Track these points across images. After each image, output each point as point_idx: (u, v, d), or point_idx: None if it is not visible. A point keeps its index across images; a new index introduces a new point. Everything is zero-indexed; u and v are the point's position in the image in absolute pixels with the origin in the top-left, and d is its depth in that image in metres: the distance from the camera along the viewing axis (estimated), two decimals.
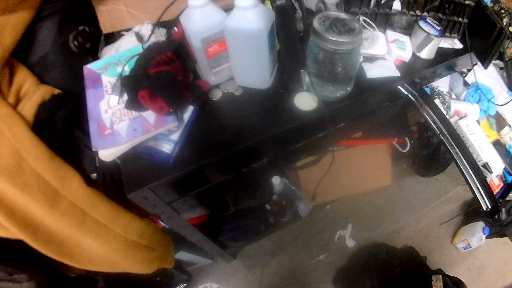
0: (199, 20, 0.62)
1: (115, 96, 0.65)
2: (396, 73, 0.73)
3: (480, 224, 1.30)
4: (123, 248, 0.71)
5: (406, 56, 0.75)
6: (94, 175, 0.68)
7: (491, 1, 0.96)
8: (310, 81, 0.65)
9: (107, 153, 0.64)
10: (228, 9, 0.64)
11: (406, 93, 0.77)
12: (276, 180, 0.95)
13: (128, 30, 0.73)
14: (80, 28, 0.72)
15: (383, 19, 0.76)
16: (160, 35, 0.69)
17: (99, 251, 0.70)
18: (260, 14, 0.60)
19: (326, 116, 0.65)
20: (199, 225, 1.03)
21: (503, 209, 0.86)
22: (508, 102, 0.98)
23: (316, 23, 0.62)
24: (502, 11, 0.98)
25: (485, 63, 0.91)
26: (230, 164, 0.68)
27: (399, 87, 0.76)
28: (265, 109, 0.67)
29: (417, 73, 0.76)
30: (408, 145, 0.94)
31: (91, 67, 0.70)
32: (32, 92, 0.67)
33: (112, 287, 0.97)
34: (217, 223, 1.23)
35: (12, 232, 0.64)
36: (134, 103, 0.62)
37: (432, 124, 0.79)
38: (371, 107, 0.78)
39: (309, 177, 0.84)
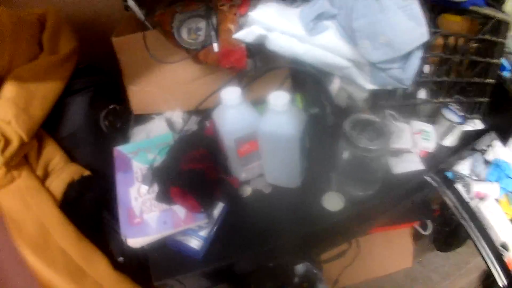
0: (232, 120, 0.64)
1: (145, 186, 0.68)
2: (421, 166, 0.77)
3: None
4: None
5: (431, 147, 0.78)
6: (121, 259, 0.72)
7: (510, 72, 0.99)
8: (339, 182, 0.68)
9: (135, 241, 0.67)
10: (257, 102, 0.67)
11: (429, 180, 0.80)
12: (299, 266, 0.99)
13: (158, 114, 0.76)
14: (111, 106, 0.76)
15: (408, 110, 0.79)
16: (192, 124, 0.72)
17: None
18: (292, 118, 0.63)
19: (353, 218, 0.68)
20: None
21: None
22: None
23: (347, 127, 0.65)
24: None
25: (506, 140, 0.94)
26: (258, 259, 0.72)
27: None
28: (294, 208, 0.70)
29: (441, 162, 0.79)
30: (431, 227, 0.97)
31: (122, 150, 0.73)
32: (61, 170, 0.71)
33: None
34: None
35: None
36: (164, 197, 0.66)
37: (454, 209, 0.83)
38: (397, 201, 0.81)
39: (332, 263, 0.87)
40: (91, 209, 0.71)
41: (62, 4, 0.81)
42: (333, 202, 0.70)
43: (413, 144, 0.78)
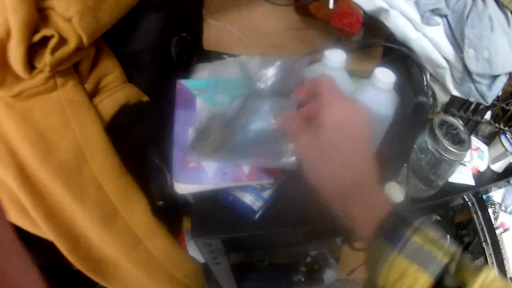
0: None
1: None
2: (472, 182, 0.77)
3: None
4: (165, 284, 0.67)
5: (483, 166, 0.79)
6: (160, 203, 0.65)
7: None
8: (407, 176, 0.68)
9: (185, 187, 0.61)
10: (355, 76, 0.64)
11: (467, 199, 0.83)
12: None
13: (230, 55, 0.71)
14: (183, 34, 0.68)
15: (472, 126, 0.81)
16: (271, 76, 0.67)
17: (138, 281, 0.65)
18: (391, 100, 0.61)
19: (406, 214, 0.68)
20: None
21: None
22: None
23: (436, 125, 0.65)
24: None
25: None
26: (305, 235, 0.69)
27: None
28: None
29: (486, 184, 0.83)
30: (449, 242, 1.01)
31: (186, 84, 0.66)
32: (116, 88, 0.60)
33: None
34: (246, 269, 1.22)
35: (45, 233, 0.57)
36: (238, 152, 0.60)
37: (480, 232, 0.87)
38: (439, 207, 0.84)
39: (352, 253, 0.87)
40: (139, 140, 0.61)
41: None
42: (394, 192, 0.68)
43: (470, 158, 0.81)
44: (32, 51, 0.49)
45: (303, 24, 0.66)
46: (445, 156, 0.64)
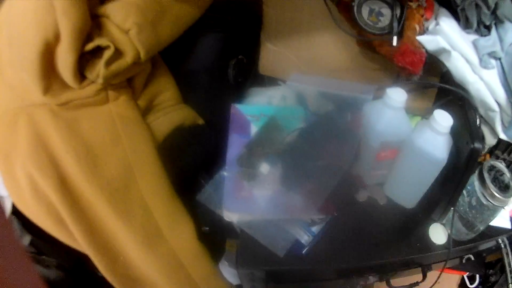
0: (387, 121, 0.62)
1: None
2: (509, 225, 0.81)
3: None
4: None
5: None
6: (206, 229, 0.65)
7: None
8: (453, 219, 0.69)
9: (233, 215, 0.62)
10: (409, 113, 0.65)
11: (500, 240, 0.85)
12: None
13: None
14: (240, 57, 0.69)
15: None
16: (326, 108, 0.68)
17: None
18: (447, 143, 0.63)
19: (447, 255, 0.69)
20: None
21: None
22: None
23: (485, 170, 0.67)
24: None
25: None
26: (352, 271, 0.70)
27: None
28: (400, 228, 0.69)
29: None
30: (478, 281, 1.04)
31: (241, 109, 0.67)
32: (171, 108, 0.59)
33: None
34: None
35: (82, 247, 0.55)
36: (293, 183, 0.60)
37: (509, 274, 0.90)
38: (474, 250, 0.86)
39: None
40: (191, 163, 0.60)
41: None
42: (437, 234, 0.68)
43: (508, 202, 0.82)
44: (84, 60, 0.47)
45: (364, 59, 0.66)
46: (491, 202, 0.66)
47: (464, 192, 0.68)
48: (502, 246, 0.85)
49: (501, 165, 0.68)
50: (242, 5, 0.67)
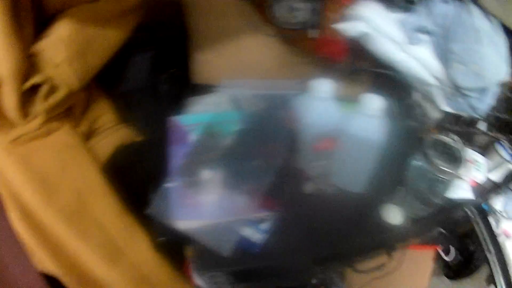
0: (318, 113, 0.64)
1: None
2: (470, 195, 0.81)
3: None
4: None
5: (481, 178, 0.83)
6: (162, 239, 0.67)
7: None
8: (402, 196, 0.70)
9: (185, 223, 0.64)
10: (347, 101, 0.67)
11: (468, 210, 0.85)
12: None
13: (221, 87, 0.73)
14: (172, 70, 0.71)
15: (466, 137, 0.84)
16: (262, 107, 0.70)
17: None
18: (380, 125, 0.64)
19: (406, 234, 0.70)
20: None
21: None
22: None
23: (428, 145, 0.67)
24: None
25: None
26: (310, 263, 0.72)
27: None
28: (352, 214, 0.71)
29: (486, 194, 0.85)
30: (453, 253, 1.04)
31: (178, 120, 0.69)
32: (110, 130, 0.64)
33: None
34: None
35: (53, 270, 0.60)
36: (233, 185, 0.63)
37: (482, 241, 0.89)
38: (440, 224, 0.86)
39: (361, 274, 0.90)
40: (138, 179, 0.65)
41: None
42: (393, 215, 0.70)
43: (466, 172, 0.82)
44: (26, 97, 0.53)
45: (291, 55, 0.69)
46: (439, 176, 0.67)
47: (413, 169, 0.69)
48: (471, 215, 0.85)
49: (446, 138, 0.68)
50: (171, 21, 0.69)
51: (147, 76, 0.67)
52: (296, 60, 0.69)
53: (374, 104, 0.61)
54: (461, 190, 0.80)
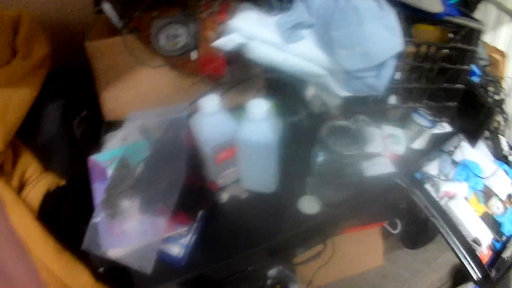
0: (210, 127, 0.70)
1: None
2: (392, 169, 0.85)
3: (470, 285, 1.44)
4: None
5: (401, 150, 0.87)
6: (101, 270, 0.75)
7: (477, 76, 1.09)
8: (314, 186, 0.75)
9: (115, 251, 0.71)
10: (235, 109, 0.72)
11: (399, 182, 0.88)
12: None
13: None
14: (83, 113, 0.78)
15: (379, 115, 0.87)
16: (167, 131, 0.76)
17: None
18: (270, 126, 0.69)
19: (328, 220, 0.75)
20: None
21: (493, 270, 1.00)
22: (493, 173, 1.13)
23: (323, 133, 0.71)
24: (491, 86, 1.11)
25: (473, 141, 1.04)
26: (236, 265, 0.77)
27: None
28: (270, 213, 0.76)
29: (411, 164, 0.88)
30: (399, 226, 1.07)
31: (97, 159, 0.76)
32: (36, 180, 0.73)
33: None
34: None
35: None
36: (148, 209, 0.69)
37: (424, 209, 0.92)
38: (369, 202, 0.89)
39: (305, 265, 0.95)
40: (69, 220, 0.73)
41: (30, 6, 0.81)
42: (309, 205, 0.76)
43: (384, 147, 0.86)
44: None
45: (181, 80, 0.75)
46: (345, 160, 0.70)
47: (318, 158, 0.73)
48: (406, 187, 0.88)
49: (340, 122, 0.72)
50: (78, 66, 0.75)
51: (61, 122, 0.74)
52: (186, 83, 0.75)
53: (259, 108, 0.65)
54: (381, 166, 0.84)
